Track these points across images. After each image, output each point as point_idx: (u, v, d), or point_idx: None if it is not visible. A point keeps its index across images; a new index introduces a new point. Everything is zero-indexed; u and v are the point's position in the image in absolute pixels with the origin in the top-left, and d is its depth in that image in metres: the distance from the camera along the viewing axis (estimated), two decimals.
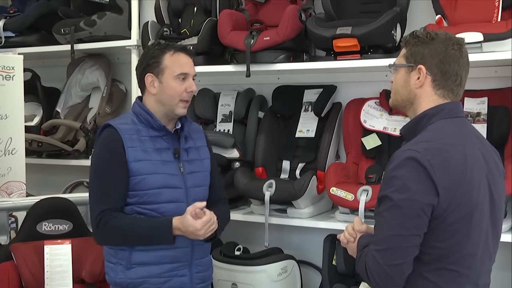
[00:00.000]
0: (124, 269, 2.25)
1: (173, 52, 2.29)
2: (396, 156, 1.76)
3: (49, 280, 2.51)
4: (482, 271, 1.81)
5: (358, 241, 1.88)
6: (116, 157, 2.22)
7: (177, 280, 2.27)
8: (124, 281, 2.25)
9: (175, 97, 2.28)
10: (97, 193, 2.26)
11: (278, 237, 3.14)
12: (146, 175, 2.23)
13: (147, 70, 2.30)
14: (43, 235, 2.61)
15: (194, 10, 3.32)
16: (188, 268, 2.30)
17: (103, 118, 3.67)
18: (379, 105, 2.96)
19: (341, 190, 2.73)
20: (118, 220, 2.20)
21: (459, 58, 1.81)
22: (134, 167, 2.23)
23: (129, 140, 2.25)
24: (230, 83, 3.36)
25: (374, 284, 1.73)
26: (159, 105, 2.31)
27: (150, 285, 2.25)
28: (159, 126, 2.29)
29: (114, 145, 2.24)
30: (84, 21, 3.50)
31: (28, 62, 3.51)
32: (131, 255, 2.24)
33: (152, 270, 2.24)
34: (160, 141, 2.30)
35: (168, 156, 2.29)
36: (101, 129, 2.32)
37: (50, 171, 3.88)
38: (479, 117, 2.71)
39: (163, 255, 2.24)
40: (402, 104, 1.90)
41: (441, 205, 1.69)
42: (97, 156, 2.31)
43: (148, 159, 2.25)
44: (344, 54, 2.76)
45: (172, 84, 2.28)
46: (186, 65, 2.31)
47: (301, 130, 3.12)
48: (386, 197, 1.72)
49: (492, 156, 1.87)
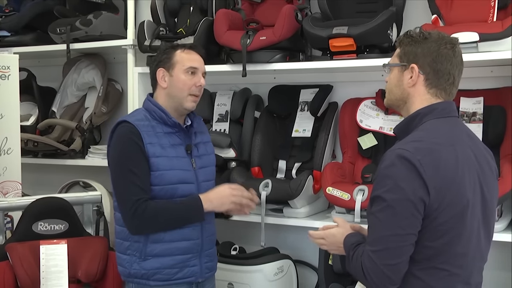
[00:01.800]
0: (139, 260, 2.32)
1: (184, 49, 2.41)
2: (387, 155, 1.77)
3: (44, 280, 2.50)
4: (474, 270, 1.82)
5: (345, 239, 1.89)
6: (140, 151, 2.29)
7: (188, 270, 2.35)
8: (138, 272, 2.33)
9: (185, 90, 2.36)
10: (127, 184, 2.28)
11: (274, 236, 3.14)
12: (164, 171, 2.31)
13: (159, 65, 2.41)
14: (39, 235, 2.60)
15: (190, 9, 3.32)
16: (198, 259, 2.38)
17: (99, 117, 3.67)
18: (375, 105, 2.96)
19: (337, 189, 2.73)
20: (154, 207, 2.27)
21: (451, 57, 1.82)
22: (153, 162, 2.30)
23: (147, 135, 2.31)
24: (226, 82, 3.36)
25: (372, 283, 1.74)
26: (169, 99, 2.39)
27: (163, 275, 2.32)
28: (173, 122, 2.37)
29: (136, 138, 2.30)
30: (80, 20, 3.50)
31: (24, 61, 3.49)
32: (145, 247, 2.31)
33: (165, 261, 2.32)
34: (174, 137, 2.38)
35: (181, 152, 2.38)
36: (116, 125, 2.37)
37: (45, 171, 3.88)
38: (475, 116, 2.72)
39: (176, 247, 2.32)
40: (396, 104, 1.92)
41: (432, 204, 1.70)
42: (120, 149, 2.33)
43: (165, 155, 2.33)
44: (340, 53, 2.76)
45: (182, 78, 2.37)
46: (196, 61, 2.41)
47: (297, 130, 3.13)
48: (379, 198, 1.73)
49: (485, 156, 1.88)
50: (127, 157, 2.30)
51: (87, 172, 3.61)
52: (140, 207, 2.25)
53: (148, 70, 3.21)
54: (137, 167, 2.28)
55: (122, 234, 2.37)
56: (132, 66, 3.38)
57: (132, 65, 3.38)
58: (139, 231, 2.31)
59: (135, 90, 3.34)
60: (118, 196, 2.34)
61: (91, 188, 3.36)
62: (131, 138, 2.30)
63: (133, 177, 2.27)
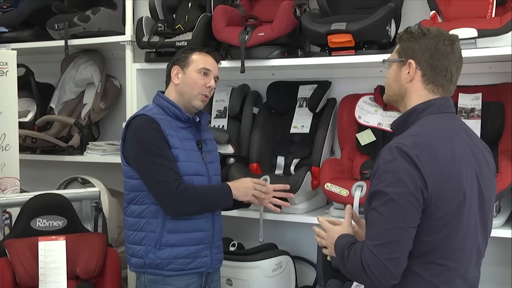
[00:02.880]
0: (155, 250, 2.38)
1: (202, 51, 2.52)
2: (385, 150, 1.77)
3: (43, 276, 2.50)
4: (471, 265, 1.83)
5: (338, 240, 1.88)
6: (163, 138, 2.37)
7: (200, 260, 2.43)
8: (154, 261, 2.39)
9: (195, 88, 2.46)
10: (161, 168, 2.33)
11: (272, 233, 3.14)
12: (183, 162, 2.39)
13: (175, 63, 2.51)
14: (37, 231, 2.61)
15: (188, 5, 3.31)
16: (209, 250, 2.46)
17: (98, 114, 3.67)
18: (373, 101, 2.96)
19: (335, 185, 2.73)
20: (193, 188, 2.35)
21: (449, 54, 1.83)
22: (173, 153, 2.38)
23: (166, 127, 2.39)
24: (225, 78, 3.34)
25: (373, 279, 1.72)
26: (179, 97, 2.48)
27: (177, 265, 2.39)
28: (186, 118, 2.45)
29: (157, 127, 2.37)
30: (78, 16, 3.49)
31: (22, 57, 3.49)
32: (161, 237, 2.38)
33: (180, 251, 2.39)
34: (187, 132, 2.47)
35: (194, 146, 2.47)
36: (131, 119, 2.44)
37: (44, 167, 3.88)
38: (473, 112, 2.72)
39: (190, 237, 2.40)
40: (394, 99, 1.93)
41: (430, 199, 1.71)
42: (144, 137, 2.38)
43: (183, 147, 2.42)
44: (339, 49, 2.76)
45: (194, 76, 2.46)
46: (210, 64, 2.51)
47: (295, 126, 3.13)
48: (380, 192, 1.73)
49: (482, 152, 1.88)
50: (153, 144, 2.35)
51: (86, 168, 3.61)
52: (181, 188, 2.32)
53: (146, 66, 3.25)
54: (165, 153, 2.35)
55: (137, 225, 2.42)
56: (130, 62, 3.37)
57: (130, 61, 3.37)
58: (181, 212, 2.37)
59: (133, 86, 3.33)
60: (154, 182, 2.35)
61: (90, 184, 3.35)
62: (153, 126, 2.37)
63: (165, 161, 2.34)
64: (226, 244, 3.04)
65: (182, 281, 2.40)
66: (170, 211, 2.36)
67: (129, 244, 2.46)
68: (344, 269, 1.83)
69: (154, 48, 3.14)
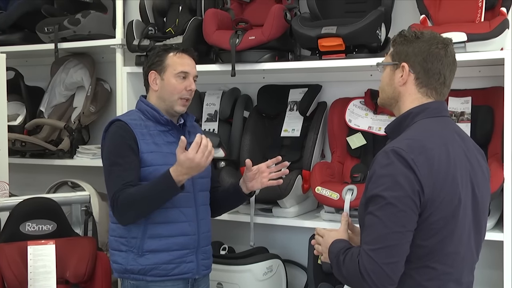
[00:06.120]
0: (136, 256, 2.34)
1: (176, 52, 2.45)
2: (381, 155, 1.76)
3: (32, 281, 2.49)
4: (465, 269, 1.83)
5: (332, 245, 1.87)
6: (130, 147, 2.33)
7: (185, 266, 2.38)
8: (135, 267, 2.35)
9: (175, 94, 2.41)
10: (113, 178, 2.32)
11: (263, 236, 3.14)
12: (158, 166, 2.33)
13: (151, 68, 2.46)
14: (27, 235, 2.59)
15: (179, 9, 3.31)
16: (195, 255, 2.41)
17: (88, 117, 3.65)
18: (364, 105, 2.97)
19: (326, 189, 2.73)
20: (127, 192, 2.27)
21: (442, 57, 1.83)
22: (147, 158, 2.34)
23: (140, 133, 2.37)
24: (215, 82, 3.35)
25: (371, 284, 1.70)
26: (160, 102, 2.44)
27: (160, 271, 2.34)
28: (166, 120, 2.42)
29: (127, 135, 2.34)
30: (68, 19, 3.47)
31: (11, 61, 3.46)
32: (143, 242, 2.34)
33: (163, 257, 2.34)
34: (168, 135, 2.43)
35: (175, 149, 2.33)
36: (109, 124, 2.42)
37: (33, 171, 3.85)
38: (463, 116, 2.73)
39: (173, 242, 2.35)
40: (388, 102, 1.93)
41: (426, 203, 1.71)
42: (110, 146, 2.38)
43: (159, 151, 2.37)
44: (329, 53, 2.76)
45: (173, 82, 2.42)
46: (188, 65, 2.45)
47: (286, 130, 3.12)
48: (377, 196, 1.72)
49: (475, 155, 1.89)
50: (113, 152, 2.35)
51: (76, 172, 3.60)
52: (115, 197, 2.28)
53: (136, 70, 3.24)
54: (125, 160, 2.31)
55: (118, 231, 2.39)
56: (120, 65, 3.36)
57: (120, 65, 3.36)
58: (125, 220, 2.33)
59: (123, 90, 3.33)
60: (107, 192, 2.36)
61: (80, 188, 3.34)
62: (121, 134, 2.35)
63: (118, 169, 2.31)
64: (217, 248, 3.03)
65: (166, 287, 2.36)
66: (119, 222, 2.35)
67: (112, 250, 2.43)
68: (339, 274, 1.81)
69: (145, 51, 3.13)
